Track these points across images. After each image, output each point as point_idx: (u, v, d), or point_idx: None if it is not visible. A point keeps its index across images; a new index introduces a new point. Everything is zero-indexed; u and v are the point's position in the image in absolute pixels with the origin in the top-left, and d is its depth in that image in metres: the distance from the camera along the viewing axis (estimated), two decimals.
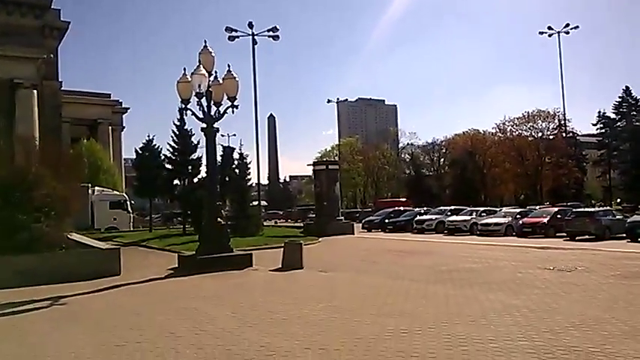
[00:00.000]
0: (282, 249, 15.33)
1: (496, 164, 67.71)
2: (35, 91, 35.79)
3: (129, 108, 60.02)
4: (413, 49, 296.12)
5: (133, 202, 43.39)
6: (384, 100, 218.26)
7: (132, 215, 40.65)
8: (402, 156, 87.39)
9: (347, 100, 79.53)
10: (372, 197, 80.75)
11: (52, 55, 39.88)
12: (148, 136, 34.02)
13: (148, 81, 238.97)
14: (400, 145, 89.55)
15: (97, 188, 38.25)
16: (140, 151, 34.04)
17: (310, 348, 6.36)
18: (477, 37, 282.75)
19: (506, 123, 68.29)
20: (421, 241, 25.08)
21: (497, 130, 69.65)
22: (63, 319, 8.64)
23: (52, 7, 39.63)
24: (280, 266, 14.46)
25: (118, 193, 41.63)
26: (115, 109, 56.37)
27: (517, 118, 67.59)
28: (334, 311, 8.51)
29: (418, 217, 32.87)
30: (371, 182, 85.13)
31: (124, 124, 59.48)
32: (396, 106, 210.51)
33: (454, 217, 30.70)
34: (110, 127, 54.00)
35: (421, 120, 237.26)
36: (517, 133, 67.34)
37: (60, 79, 42.98)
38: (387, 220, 34.70)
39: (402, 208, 39.61)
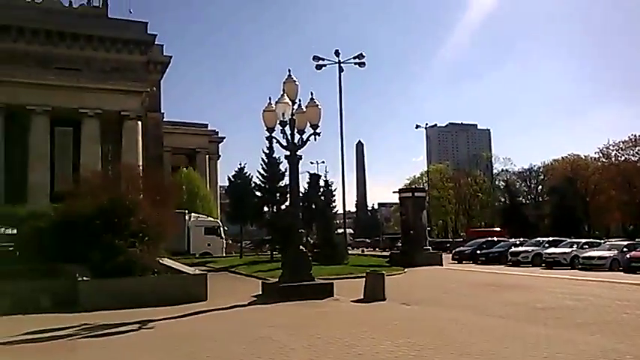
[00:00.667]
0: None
1: (600, 191, 63.15)
2: (140, 123, 38.65)
3: (224, 137, 63.03)
4: (506, 70, 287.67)
5: (226, 228, 45.05)
6: (476, 125, 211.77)
7: (224, 241, 42.16)
8: (496, 183, 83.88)
9: (436, 125, 77.93)
10: (464, 226, 77.92)
11: (154, 88, 43.05)
12: (240, 164, 35.36)
13: (242, 110, 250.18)
14: (494, 171, 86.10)
15: (193, 214, 40.13)
16: (232, 179, 35.40)
17: None
18: (575, 55, 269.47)
19: (611, 147, 63.86)
20: (515, 274, 23.64)
21: (601, 154, 65.23)
22: (147, 342, 8.96)
23: (156, 42, 42.81)
24: (362, 297, 14.17)
25: (212, 219, 43.40)
26: (212, 138, 59.32)
27: (623, 142, 63.05)
28: (413, 348, 8.11)
29: (513, 249, 31.12)
30: (463, 211, 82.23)
31: (219, 153, 62.43)
32: (489, 130, 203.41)
33: (553, 249, 28.70)
34: (207, 156, 56.84)
35: (516, 145, 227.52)
36: (623, 158, 62.55)
37: (162, 111, 46.20)
38: (479, 251, 33.18)
39: (495, 239, 37.76)
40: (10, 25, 37.41)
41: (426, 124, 63.87)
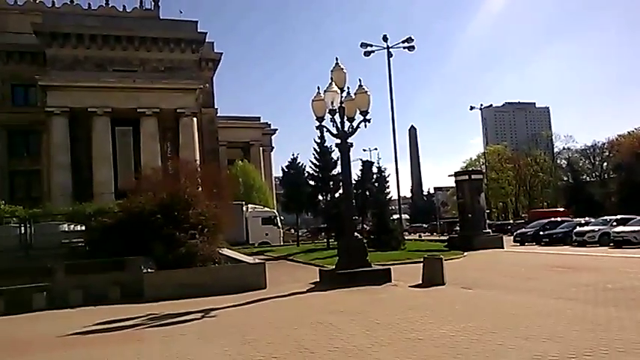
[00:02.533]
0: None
1: None
2: (195, 119, 39.70)
3: (277, 129, 63.74)
4: (564, 45, 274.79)
5: (282, 217, 45.66)
6: (534, 103, 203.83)
7: (281, 230, 42.77)
8: (558, 162, 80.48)
9: (492, 105, 75.56)
10: (525, 208, 75.42)
11: (207, 85, 44.01)
12: (293, 155, 35.62)
13: (293, 101, 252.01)
14: (555, 150, 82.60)
15: (250, 206, 40.92)
16: (286, 170, 35.75)
17: None
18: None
19: None
20: (581, 255, 22.64)
21: None
22: (211, 331, 9.21)
23: (206, 40, 43.66)
24: (421, 282, 14.00)
25: (269, 209, 44.12)
26: (265, 131, 60.16)
27: None
28: (475, 332, 7.92)
29: (578, 229, 29.78)
30: (523, 192, 79.56)
31: (273, 145, 63.22)
32: (548, 108, 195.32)
33: (621, 228, 27.25)
34: (261, 148, 57.74)
35: (578, 122, 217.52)
36: None
37: (216, 106, 47.19)
38: (541, 232, 31.99)
39: (559, 219, 36.32)
40: (70, 33, 39.16)
41: (481, 105, 62.01)
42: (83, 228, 17.17)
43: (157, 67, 41.12)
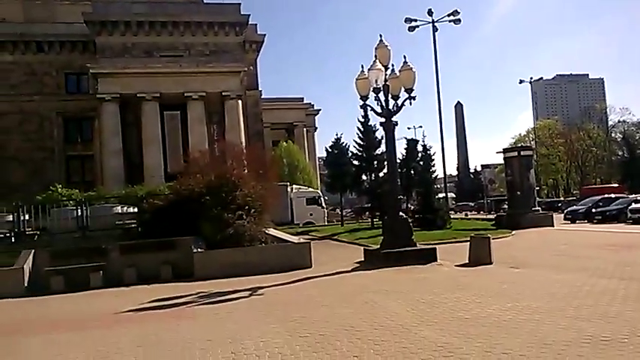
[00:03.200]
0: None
1: None
2: (240, 101, 40.11)
3: (320, 109, 63.73)
4: (617, 13, 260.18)
5: (326, 197, 45.88)
6: (587, 75, 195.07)
7: (326, 210, 43.02)
8: (613, 136, 77.15)
9: (542, 78, 72.78)
10: (577, 184, 72.87)
11: (251, 67, 44.29)
12: (336, 135, 35.58)
13: (336, 80, 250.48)
14: (610, 123, 79.10)
15: (294, 186, 41.31)
16: (330, 150, 35.77)
17: (491, 352, 5.91)
18: None
19: None
20: (636, 232, 21.78)
21: None
22: (258, 309, 9.46)
23: (249, 22, 43.84)
24: (467, 261, 13.85)
25: (313, 190, 44.41)
26: (308, 111, 60.27)
27: None
28: (523, 312, 7.82)
29: (633, 205, 28.60)
30: (575, 168, 76.86)
31: (316, 125, 63.32)
32: (602, 79, 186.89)
33: None
34: (305, 129, 57.94)
35: (634, 94, 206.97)
36: None
37: (260, 88, 47.51)
38: (594, 210, 30.93)
39: (612, 196, 34.96)
40: (118, 21, 40.13)
41: (531, 78, 59.95)
42: (135, 210, 17.82)
43: (202, 51, 41.66)
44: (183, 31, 41.71)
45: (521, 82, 60.23)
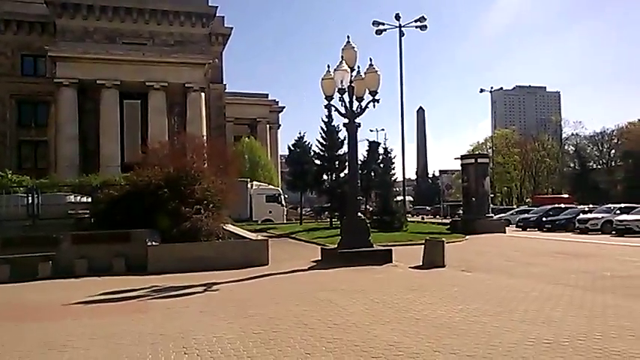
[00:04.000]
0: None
1: None
2: (203, 94, 39.60)
3: (284, 107, 63.54)
4: (578, 29, 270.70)
5: (286, 195, 45.82)
6: (544, 87, 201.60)
7: (285, 208, 42.97)
8: (566, 148, 79.99)
9: (502, 88, 74.88)
10: (530, 193, 75.28)
11: (216, 60, 43.76)
12: (299, 133, 35.59)
13: (301, 79, 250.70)
14: (563, 135, 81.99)
15: (255, 183, 41.09)
16: (292, 148, 35.75)
17: (440, 351, 6.08)
18: None
19: None
20: (583, 242, 22.73)
21: None
22: (212, 305, 9.39)
23: (217, 14, 43.33)
24: (421, 264, 14.14)
25: (273, 187, 44.25)
26: (272, 108, 59.95)
27: None
28: (472, 314, 8.06)
29: (581, 216, 29.86)
30: (528, 177, 79.29)
31: (280, 123, 63.09)
32: (559, 93, 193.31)
33: (625, 216, 27.27)
34: (268, 126, 57.63)
35: (588, 109, 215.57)
36: None
37: (224, 82, 47.00)
38: (544, 218, 32.12)
39: (562, 205, 36.36)
40: (80, 4, 38.94)
41: (491, 88, 61.65)
42: (89, 200, 17.34)
43: (166, 41, 40.91)
44: (148, 19, 40.85)
45: (481, 90, 61.94)
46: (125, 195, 16.14)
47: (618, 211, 28.76)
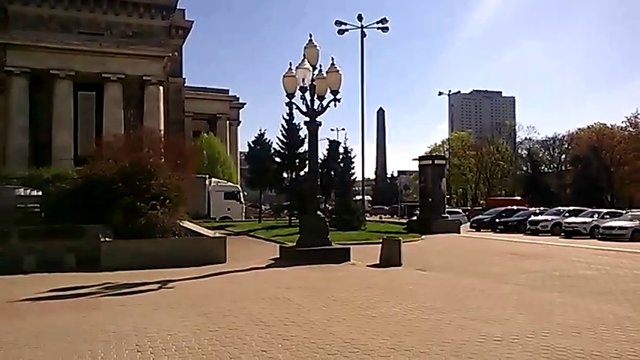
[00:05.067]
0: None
1: (625, 162, 61.73)
2: (161, 88, 38.74)
3: (245, 103, 62.96)
4: (535, 39, 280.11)
5: (245, 193, 45.47)
6: (500, 92, 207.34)
7: (244, 206, 42.63)
8: (519, 151, 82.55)
9: (460, 92, 76.67)
10: (484, 195, 77.32)
11: (176, 53, 42.90)
12: (260, 130, 35.36)
13: (263, 76, 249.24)
14: (517, 139, 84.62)
15: (213, 179, 40.55)
16: (252, 145, 35.50)
17: (395, 348, 6.18)
18: (607, 25, 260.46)
19: (639, 116, 61.84)
20: (533, 243, 23.51)
21: (628, 124, 63.34)
22: (167, 302, 9.22)
23: (177, 7, 42.51)
24: (378, 262, 14.31)
25: (232, 184, 43.81)
26: (233, 104, 59.28)
27: None
28: (426, 312, 8.23)
29: (532, 218, 30.89)
30: (483, 179, 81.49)
31: (240, 119, 62.49)
32: (514, 98, 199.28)
33: (573, 219, 28.42)
34: (228, 122, 56.94)
35: (542, 114, 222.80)
36: None
37: (184, 76, 46.16)
38: (497, 220, 33.03)
39: (515, 207, 37.50)
40: None
41: (449, 91, 63.13)
42: (40, 193, 16.74)
43: (124, 32, 39.79)
44: (105, 9, 39.61)
45: (440, 93, 63.37)
46: (78, 189, 15.69)
47: (567, 214, 29.90)
